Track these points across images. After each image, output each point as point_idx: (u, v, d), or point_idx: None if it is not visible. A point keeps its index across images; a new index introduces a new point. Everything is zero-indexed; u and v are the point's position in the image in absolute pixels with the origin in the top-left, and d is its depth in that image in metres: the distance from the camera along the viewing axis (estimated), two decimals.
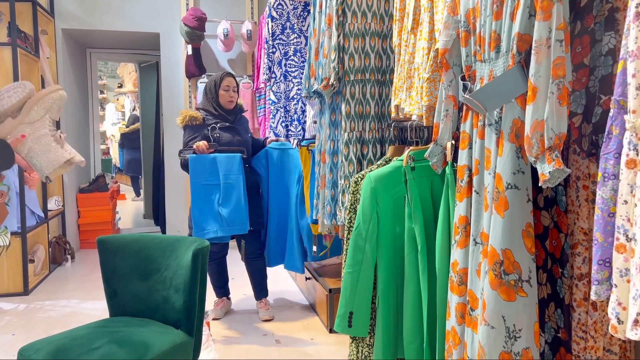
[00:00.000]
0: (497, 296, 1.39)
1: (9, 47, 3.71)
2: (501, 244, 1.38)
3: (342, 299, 2.02)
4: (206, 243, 2.08)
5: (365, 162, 2.46)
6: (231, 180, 3.01)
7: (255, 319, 3.26)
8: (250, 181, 3.21)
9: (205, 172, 3.02)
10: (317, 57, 2.65)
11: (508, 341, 1.40)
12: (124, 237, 2.23)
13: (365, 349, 2.09)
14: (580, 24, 1.40)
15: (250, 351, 2.80)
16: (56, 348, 1.80)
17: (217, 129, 3.14)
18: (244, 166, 3.10)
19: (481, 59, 1.50)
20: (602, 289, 1.12)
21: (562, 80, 1.22)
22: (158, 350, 1.84)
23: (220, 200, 3.00)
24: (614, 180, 1.10)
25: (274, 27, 3.97)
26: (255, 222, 3.21)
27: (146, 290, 2.13)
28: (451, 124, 1.69)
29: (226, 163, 3.02)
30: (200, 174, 3.01)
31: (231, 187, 3.01)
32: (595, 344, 1.43)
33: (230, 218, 2.99)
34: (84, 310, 3.45)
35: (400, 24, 2.12)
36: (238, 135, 3.18)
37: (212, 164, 3.02)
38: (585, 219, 1.43)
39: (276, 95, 3.98)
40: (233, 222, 2.99)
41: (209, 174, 3.02)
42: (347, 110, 2.45)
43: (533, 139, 1.26)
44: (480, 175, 1.52)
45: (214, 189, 3.02)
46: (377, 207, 1.96)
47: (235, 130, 3.19)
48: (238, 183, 3.01)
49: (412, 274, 1.90)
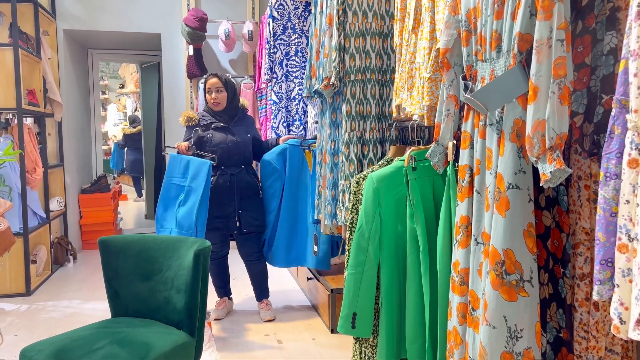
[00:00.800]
0: (498, 296, 1.39)
1: (10, 48, 3.72)
2: (503, 244, 1.38)
3: (345, 300, 2.02)
4: (207, 243, 2.08)
5: (366, 162, 2.46)
6: (193, 185, 3.03)
7: (257, 319, 3.26)
8: (245, 183, 3.19)
9: (178, 172, 3.08)
10: (318, 57, 2.65)
11: (509, 341, 1.39)
12: (126, 238, 2.23)
13: (368, 349, 2.09)
14: (581, 23, 1.40)
15: (252, 352, 2.80)
16: (58, 349, 1.81)
17: (211, 130, 3.16)
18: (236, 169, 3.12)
19: (482, 59, 1.49)
20: (604, 289, 1.11)
21: (563, 79, 1.22)
22: (160, 351, 1.84)
23: (181, 203, 3.04)
24: (616, 180, 1.09)
25: (275, 27, 3.97)
26: (251, 224, 3.20)
27: (148, 291, 2.13)
28: (452, 124, 1.69)
29: (196, 167, 3.04)
30: (173, 172, 3.09)
31: (191, 191, 3.03)
32: (597, 344, 1.43)
33: (181, 222, 3.00)
34: (86, 311, 3.46)
35: (401, 24, 2.12)
36: (232, 135, 3.16)
37: (185, 166, 3.06)
38: (587, 218, 1.42)
39: (277, 95, 3.98)
40: (182, 226, 3.00)
41: (181, 175, 3.07)
42: (348, 110, 2.44)
43: (534, 139, 1.26)
44: (481, 175, 1.52)
45: (180, 190, 3.06)
46: (379, 208, 1.96)
47: (230, 130, 3.18)
48: (198, 189, 2.99)
49: (414, 274, 1.89)
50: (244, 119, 3.29)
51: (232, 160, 3.15)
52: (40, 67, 4.22)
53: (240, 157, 3.19)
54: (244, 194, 3.19)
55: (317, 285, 3.32)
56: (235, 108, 3.25)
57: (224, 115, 3.20)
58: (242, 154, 3.19)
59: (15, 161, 3.76)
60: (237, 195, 3.16)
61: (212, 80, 3.17)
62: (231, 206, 3.14)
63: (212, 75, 3.20)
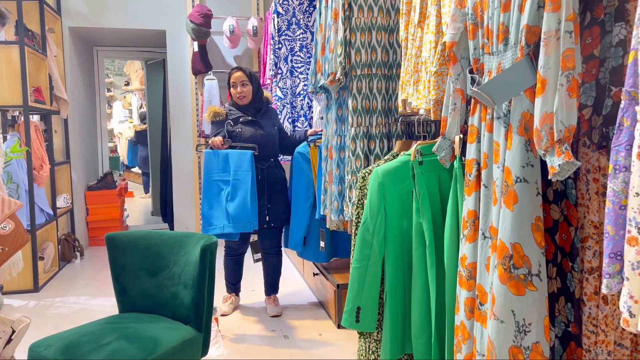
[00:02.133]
0: (506, 290, 1.38)
1: (16, 45, 3.73)
2: (510, 238, 1.37)
3: (350, 294, 2.02)
4: (214, 239, 2.08)
5: (373, 157, 2.45)
6: (239, 177, 2.98)
7: (264, 314, 3.27)
8: (274, 177, 3.18)
9: (217, 168, 3.02)
10: (324, 52, 2.65)
11: (518, 335, 1.39)
12: (133, 234, 2.24)
13: (372, 344, 2.09)
14: (589, 14, 1.39)
15: (258, 347, 2.80)
16: (66, 344, 1.82)
17: (239, 124, 3.12)
18: (266, 162, 3.09)
19: (489, 52, 1.48)
20: (613, 282, 1.11)
21: (571, 72, 1.21)
22: (167, 346, 1.85)
23: (229, 197, 3.00)
24: (625, 173, 1.08)
25: (280, 23, 3.96)
26: (278, 218, 3.20)
27: (155, 287, 2.14)
28: (459, 118, 1.68)
29: (237, 159, 3.00)
30: (212, 169, 3.02)
31: (239, 183, 2.98)
32: (606, 338, 1.42)
33: (235, 215, 2.95)
34: (94, 307, 3.48)
35: (407, 18, 2.10)
36: (261, 129, 3.13)
37: (225, 160, 3.02)
38: (596, 212, 1.41)
39: (282, 91, 3.97)
40: (238, 219, 2.95)
41: (221, 169, 3.02)
42: (354, 105, 2.44)
43: (542, 132, 1.25)
44: (488, 169, 1.51)
45: (224, 185, 3.01)
46: (384, 202, 1.96)
47: (259, 124, 3.15)
48: (246, 180, 2.97)
49: (420, 269, 1.89)
50: (268, 112, 3.26)
51: (262, 154, 3.11)
52: (46, 64, 4.24)
53: (270, 151, 3.16)
54: (273, 189, 3.17)
55: (323, 280, 3.32)
56: (260, 101, 3.21)
57: (250, 109, 3.16)
58: (271, 148, 3.16)
59: (22, 158, 3.78)
60: (267, 189, 3.14)
61: (237, 74, 3.12)
62: (262, 200, 3.12)
63: (236, 68, 3.15)
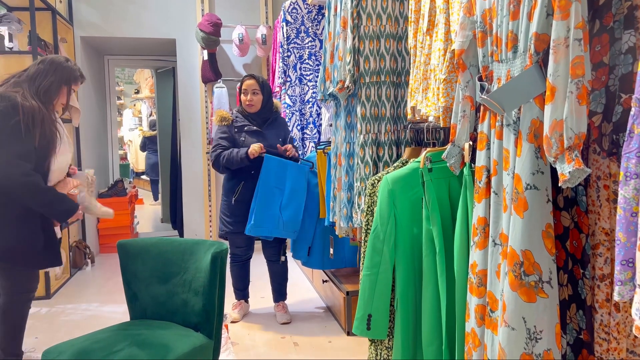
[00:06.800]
0: (517, 297, 1.38)
1: (29, 55, 3.79)
2: (521, 245, 1.37)
3: (361, 302, 2.02)
4: (224, 246, 2.09)
5: (381, 164, 2.46)
6: (297, 188, 3.14)
7: (273, 321, 3.27)
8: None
9: (275, 175, 3.09)
10: (332, 60, 2.66)
11: (529, 343, 1.38)
12: (144, 241, 2.26)
13: (384, 351, 2.08)
14: (599, 22, 1.39)
15: (268, 354, 2.81)
16: (78, 351, 1.83)
17: (244, 132, 3.15)
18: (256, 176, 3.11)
19: (498, 59, 1.49)
20: (625, 289, 1.10)
21: (581, 79, 1.21)
22: (179, 353, 1.86)
23: (283, 204, 3.10)
24: (636, 180, 1.08)
25: (289, 31, 3.99)
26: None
27: (166, 293, 2.15)
28: (468, 125, 1.69)
29: (295, 171, 3.13)
30: (270, 175, 3.08)
31: (294, 194, 3.14)
32: (618, 346, 1.41)
33: (288, 222, 3.11)
34: (105, 314, 3.50)
35: (416, 26, 2.12)
36: (264, 140, 3.12)
37: (283, 170, 3.10)
38: (607, 219, 1.41)
39: (291, 98, 4.00)
40: (288, 226, 3.12)
41: (278, 177, 3.10)
42: (363, 113, 2.45)
43: (552, 139, 1.25)
44: (498, 176, 1.51)
45: (278, 193, 3.11)
46: (394, 209, 1.96)
47: (262, 135, 3.15)
48: (300, 192, 3.14)
49: (431, 276, 1.89)
50: (276, 122, 3.26)
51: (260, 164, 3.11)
52: None
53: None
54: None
55: (332, 287, 3.32)
56: (269, 111, 3.21)
57: (257, 119, 3.17)
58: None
59: None
60: None
61: (249, 82, 3.13)
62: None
63: (249, 76, 3.16)
